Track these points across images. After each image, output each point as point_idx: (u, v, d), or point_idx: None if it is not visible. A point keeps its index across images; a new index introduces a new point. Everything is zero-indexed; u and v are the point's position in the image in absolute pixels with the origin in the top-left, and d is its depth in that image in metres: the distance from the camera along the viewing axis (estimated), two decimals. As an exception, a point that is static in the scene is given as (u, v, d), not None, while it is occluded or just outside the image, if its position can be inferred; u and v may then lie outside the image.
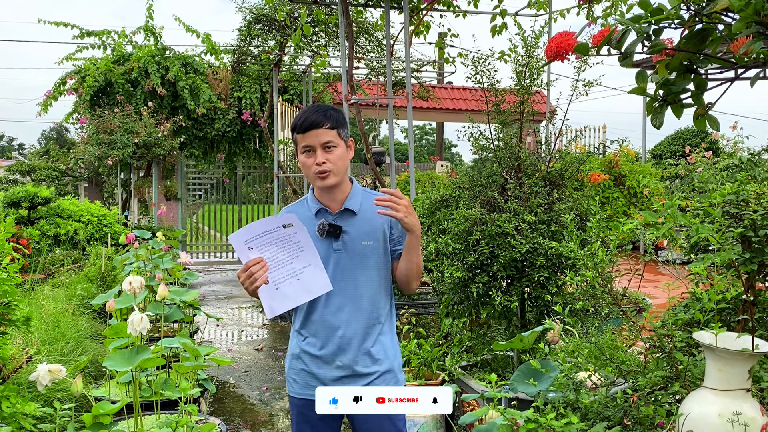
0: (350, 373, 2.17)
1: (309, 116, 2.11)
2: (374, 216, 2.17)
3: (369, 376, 2.18)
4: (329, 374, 2.18)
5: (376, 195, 2.23)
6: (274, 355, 6.04)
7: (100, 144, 10.13)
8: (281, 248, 2.05)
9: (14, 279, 2.75)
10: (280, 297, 2.06)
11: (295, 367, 2.24)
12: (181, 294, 4.37)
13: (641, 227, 2.16)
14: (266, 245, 2.04)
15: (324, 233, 2.14)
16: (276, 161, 10.20)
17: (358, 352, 2.16)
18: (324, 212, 2.18)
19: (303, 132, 2.11)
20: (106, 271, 5.92)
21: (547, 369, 2.69)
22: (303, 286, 2.07)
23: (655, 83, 1.60)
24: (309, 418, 2.21)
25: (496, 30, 6.27)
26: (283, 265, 2.06)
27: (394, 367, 2.23)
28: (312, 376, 2.20)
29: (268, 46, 9.75)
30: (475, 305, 3.89)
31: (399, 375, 2.26)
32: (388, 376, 2.21)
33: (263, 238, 2.04)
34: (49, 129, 48.55)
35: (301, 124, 2.11)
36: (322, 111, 2.13)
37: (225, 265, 12.62)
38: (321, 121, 2.10)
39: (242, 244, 2.03)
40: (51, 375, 2.52)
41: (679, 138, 13.21)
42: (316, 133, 2.09)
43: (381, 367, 2.19)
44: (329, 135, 2.11)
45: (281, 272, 2.06)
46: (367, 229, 2.17)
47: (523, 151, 4.00)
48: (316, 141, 2.10)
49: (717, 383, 1.96)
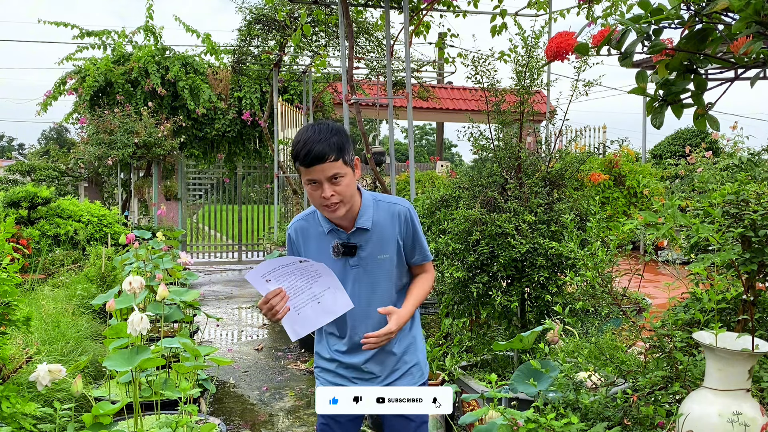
0: (376, 375, 2.24)
1: (312, 147, 1.94)
2: (387, 227, 2.14)
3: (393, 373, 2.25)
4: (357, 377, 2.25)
5: (387, 204, 2.18)
6: (274, 355, 6.04)
7: (100, 144, 10.13)
8: (299, 277, 2.04)
9: (14, 279, 2.75)
10: (302, 321, 2.07)
11: (325, 367, 2.29)
12: (181, 294, 4.37)
13: (641, 227, 2.16)
14: (284, 276, 2.03)
15: (340, 254, 2.12)
16: (276, 161, 10.20)
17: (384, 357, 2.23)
18: (337, 232, 2.14)
19: (306, 166, 1.97)
20: (106, 271, 5.92)
21: (547, 369, 2.68)
22: (324, 308, 2.07)
23: (655, 83, 1.60)
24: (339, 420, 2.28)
25: (496, 30, 6.27)
26: (303, 291, 2.06)
27: (420, 362, 2.31)
28: (341, 377, 2.26)
29: (268, 46, 9.75)
30: (475, 305, 3.89)
31: (424, 368, 2.33)
32: (414, 369, 2.28)
33: (280, 271, 2.02)
34: (49, 129, 48.62)
35: (304, 158, 1.96)
36: (325, 140, 1.95)
37: (225, 265, 12.62)
38: (325, 154, 1.94)
39: (260, 278, 2.01)
40: (51, 375, 2.52)
41: (679, 138, 13.20)
42: (321, 168, 1.95)
43: (406, 365, 2.27)
44: (335, 168, 1.97)
45: (301, 298, 2.06)
46: (381, 243, 2.15)
47: (523, 151, 4.00)
48: (321, 176, 1.97)
49: (717, 383, 1.96)
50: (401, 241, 2.17)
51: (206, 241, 13.59)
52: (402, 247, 2.18)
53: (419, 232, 2.22)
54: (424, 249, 2.24)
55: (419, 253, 2.23)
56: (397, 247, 2.17)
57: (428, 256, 2.27)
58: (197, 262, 12.55)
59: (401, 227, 2.16)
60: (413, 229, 2.19)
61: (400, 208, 2.17)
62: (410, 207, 2.21)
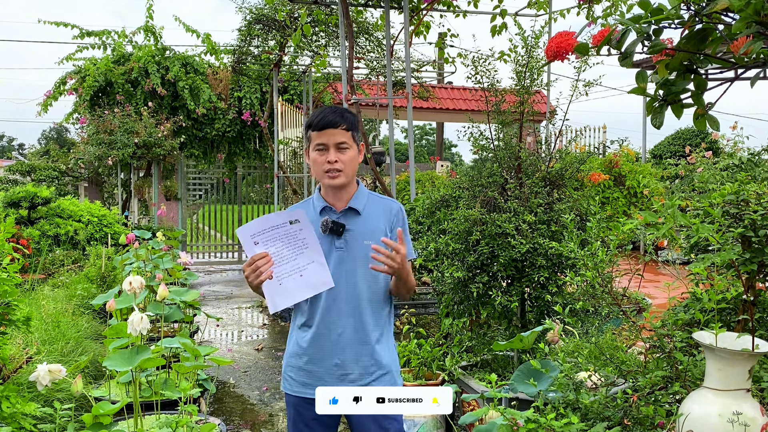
0: (347, 371, 2.17)
1: (326, 115, 2.15)
2: (377, 219, 2.22)
3: (367, 376, 2.18)
4: (327, 372, 2.18)
5: (380, 199, 2.28)
6: (274, 355, 6.04)
7: (100, 144, 10.13)
8: (286, 244, 2.08)
9: (14, 279, 2.75)
10: (282, 292, 2.09)
11: (293, 365, 2.24)
12: (181, 294, 4.37)
13: (641, 227, 2.16)
14: (272, 241, 2.07)
15: (327, 230, 2.16)
16: (276, 161, 10.21)
17: (356, 351, 2.17)
18: (328, 210, 2.21)
19: (319, 130, 2.14)
20: (106, 271, 5.92)
21: (547, 369, 2.69)
22: (305, 281, 2.09)
23: (655, 83, 1.60)
24: (304, 417, 2.21)
25: (496, 30, 6.27)
26: (288, 261, 2.08)
27: (392, 370, 2.24)
28: (309, 374, 2.19)
29: (268, 46, 9.75)
30: (475, 305, 3.89)
31: (398, 379, 2.26)
32: (386, 378, 2.21)
33: (269, 233, 2.06)
34: (49, 129, 48.62)
35: (318, 122, 2.15)
36: (339, 112, 2.17)
37: (225, 266, 12.62)
38: (337, 122, 2.13)
39: (249, 238, 2.06)
40: (51, 375, 2.52)
41: (679, 138, 13.20)
42: (332, 132, 2.13)
43: (380, 369, 2.20)
44: (344, 136, 2.15)
45: (285, 268, 2.08)
46: (369, 230, 2.19)
47: (523, 151, 4.01)
48: (330, 140, 2.13)
49: (717, 383, 1.96)
50: (390, 233, 2.22)
51: (206, 241, 13.59)
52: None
53: (407, 231, 2.28)
54: (410, 246, 2.29)
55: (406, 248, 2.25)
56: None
57: (413, 254, 2.30)
58: (197, 262, 12.55)
59: (392, 220, 2.24)
60: (403, 224, 2.26)
61: (393, 204, 2.28)
62: (402, 206, 2.32)
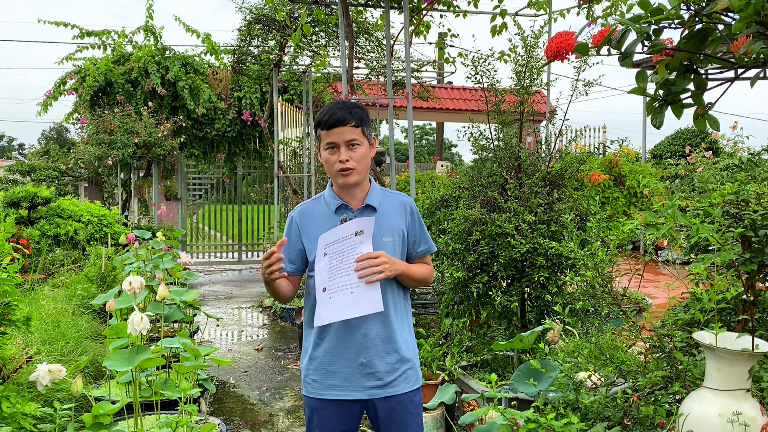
0: (374, 369, 2.12)
1: (335, 113, 2.10)
2: (394, 215, 2.19)
3: (393, 372, 2.15)
4: (352, 373, 2.12)
5: (393, 194, 2.26)
6: (274, 355, 6.04)
7: (100, 144, 10.12)
8: (346, 258, 2.04)
9: (14, 279, 2.75)
10: (330, 306, 2.04)
11: (314, 366, 2.17)
12: (181, 294, 4.37)
13: (641, 227, 2.16)
14: (337, 253, 2.04)
15: None
16: (276, 161, 10.20)
17: (381, 349, 2.13)
18: (345, 208, 2.17)
19: (328, 129, 2.10)
20: (106, 271, 5.92)
21: (547, 369, 2.69)
22: (354, 300, 2.03)
23: (655, 83, 1.59)
24: (328, 421, 2.15)
25: (496, 30, 6.27)
26: (342, 275, 2.04)
27: (414, 362, 2.22)
28: (333, 374, 2.14)
29: (268, 46, 9.74)
30: (475, 305, 3.89)
31: (419, 369, 2.25)
32: (410, 372, 2.19)
33: (338, 245, 2.03)
34: (49, 129, 48.57)
35: (326, 121, 2.11)
36: (347, 108, 2.12)
37: (225, 265, 12.62)
38: (346, 119, 2.09)
39: (322, 248, 2.04)
40: (51, 375, 2.52)
41: (679, 138, 13.20)
42: (341, 130, 2.09)
43: (405, 364, 2.17)
44: (354, 133, 2.11)
45: (338, 282, 2.04)
46: (387, 226, 2.17)
47: (523, 151, 4.00)
48: (340, 138, 2.10)
49: (717, 383, 1.96)
50: (407, 231, 2.21)
51: (206, 241, 13.59)
52: (407, 237, 2.22)
53: (423, 223, 2.29)
54: (429, 238, 2.29)
55: (425, 243, 2.28)
56: (401, 235, 2.20)
57: (433, 246, 2.30)
58: (197, 262, 12.55)
59: (408, 218, 2.22)
60: (419, 220, 2.26)
61: (406, 199, 2.26)
62: (413, 201, 2.31)
